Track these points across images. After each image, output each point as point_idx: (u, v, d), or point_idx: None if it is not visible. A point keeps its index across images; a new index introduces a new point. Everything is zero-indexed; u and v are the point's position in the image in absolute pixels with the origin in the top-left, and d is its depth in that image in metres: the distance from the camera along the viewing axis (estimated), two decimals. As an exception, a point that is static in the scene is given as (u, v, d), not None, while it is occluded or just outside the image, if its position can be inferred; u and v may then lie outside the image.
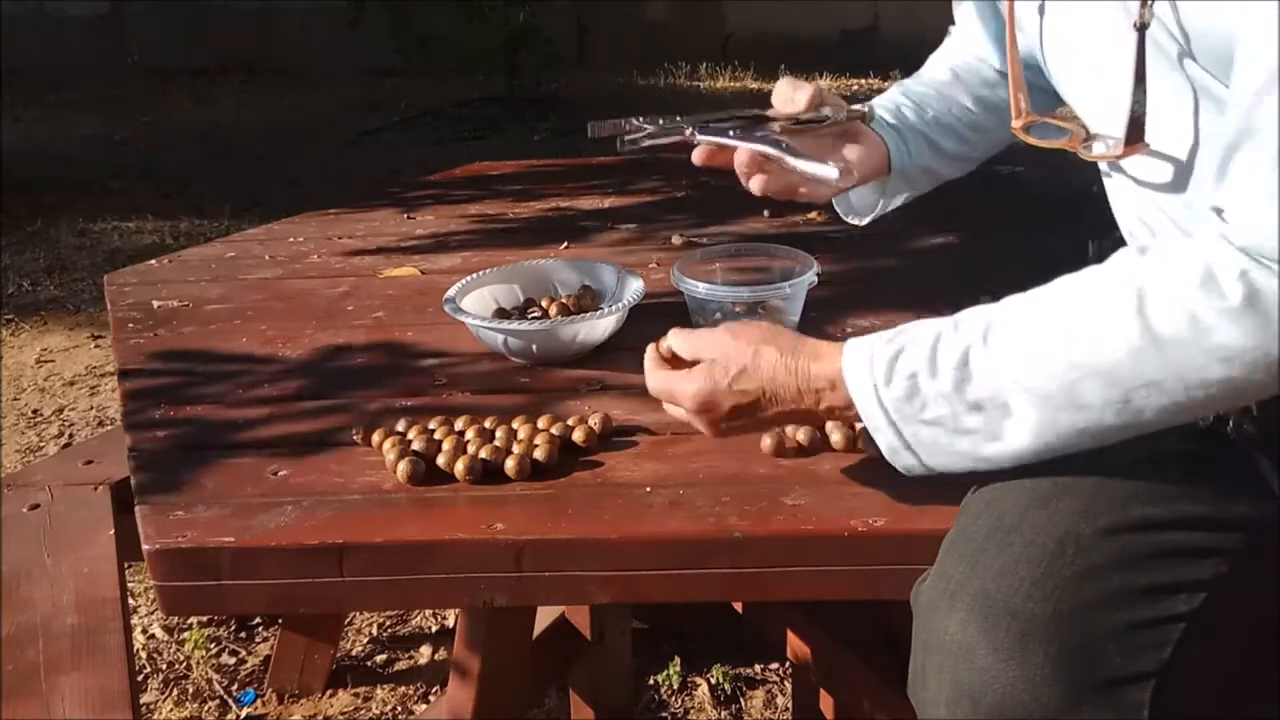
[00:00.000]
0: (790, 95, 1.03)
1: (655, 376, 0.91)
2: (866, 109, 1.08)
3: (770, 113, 1.04)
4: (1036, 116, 0.94)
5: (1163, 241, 0.75)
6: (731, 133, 1.00)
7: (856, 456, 0.96)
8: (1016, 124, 0.95)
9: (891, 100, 1.15)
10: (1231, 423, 0.79)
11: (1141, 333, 0.69)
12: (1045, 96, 1.00)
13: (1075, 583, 0.71)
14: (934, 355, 0.76)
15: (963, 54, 1.19)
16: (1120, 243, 0.97)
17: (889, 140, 1.10)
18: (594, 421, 1.00)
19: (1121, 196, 0.91)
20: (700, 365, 0.87)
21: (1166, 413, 0.71)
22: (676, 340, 0.91)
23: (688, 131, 1.01)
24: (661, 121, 1.02)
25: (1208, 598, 0.72)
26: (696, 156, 1.02)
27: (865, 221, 1.18)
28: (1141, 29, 0.78)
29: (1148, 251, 0.73)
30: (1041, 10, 0.92)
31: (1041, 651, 0.69)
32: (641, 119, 1.02)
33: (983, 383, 0.74)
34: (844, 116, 1.05)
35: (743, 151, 1.00)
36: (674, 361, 0.91)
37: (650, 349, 0.93)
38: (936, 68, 1.20)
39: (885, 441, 0.79)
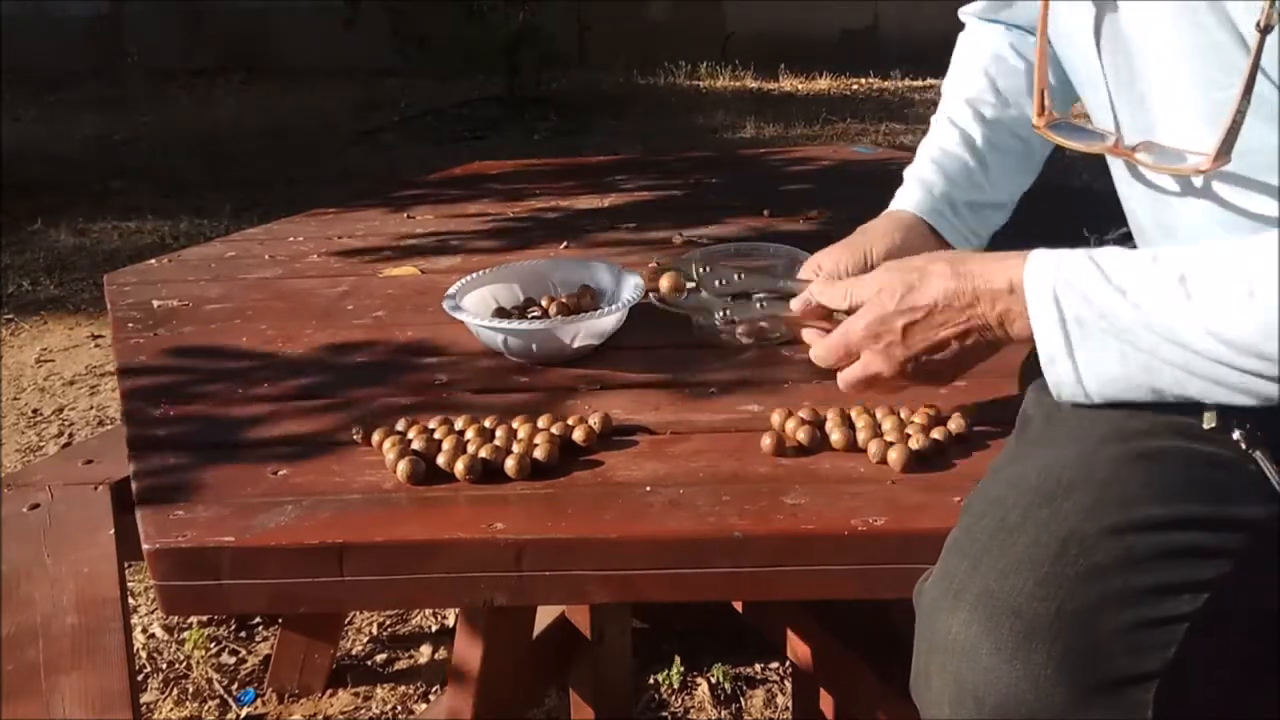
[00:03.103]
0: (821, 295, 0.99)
1: (820, 346, 0.91)
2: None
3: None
4: (1059, 115, 0.92)
5: None
6: (760, 304, 1.01)
7: (857, 456, 0.96)
8: (1039, 122, 0.92)
9: (964, 170, 1.11)
10: (1235, 423, 0.79)
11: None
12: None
13: (1079, 582, 0.71)
14: (1123, 275, 0.75)
15: (997, 48, 1.15)
16: (1122, 240, 0.97)
17: (957, 242, 1.08)
18: (594, 421, 1.00)
19: (1149, 203, 0.88)
20: (864, 304, 0.88)
21: None
22: (824, 293, 0.91)
23: (725, 313, 1.01)
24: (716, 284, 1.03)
25: (1211, 598, 0.71)
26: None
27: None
28: (1264, 31, 0.73)
29: None
30: (1113, 7, 0.86)
31: (1045, 651, 0.69)
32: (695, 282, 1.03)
33: (1162, 318, 0.74)
34: None
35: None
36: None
37: (808, 334, 0.94)
38: (978, 89, 1.14)
39: (1048, 347, 0.79)
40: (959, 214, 1.10)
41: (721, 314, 1.02)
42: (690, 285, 1.04)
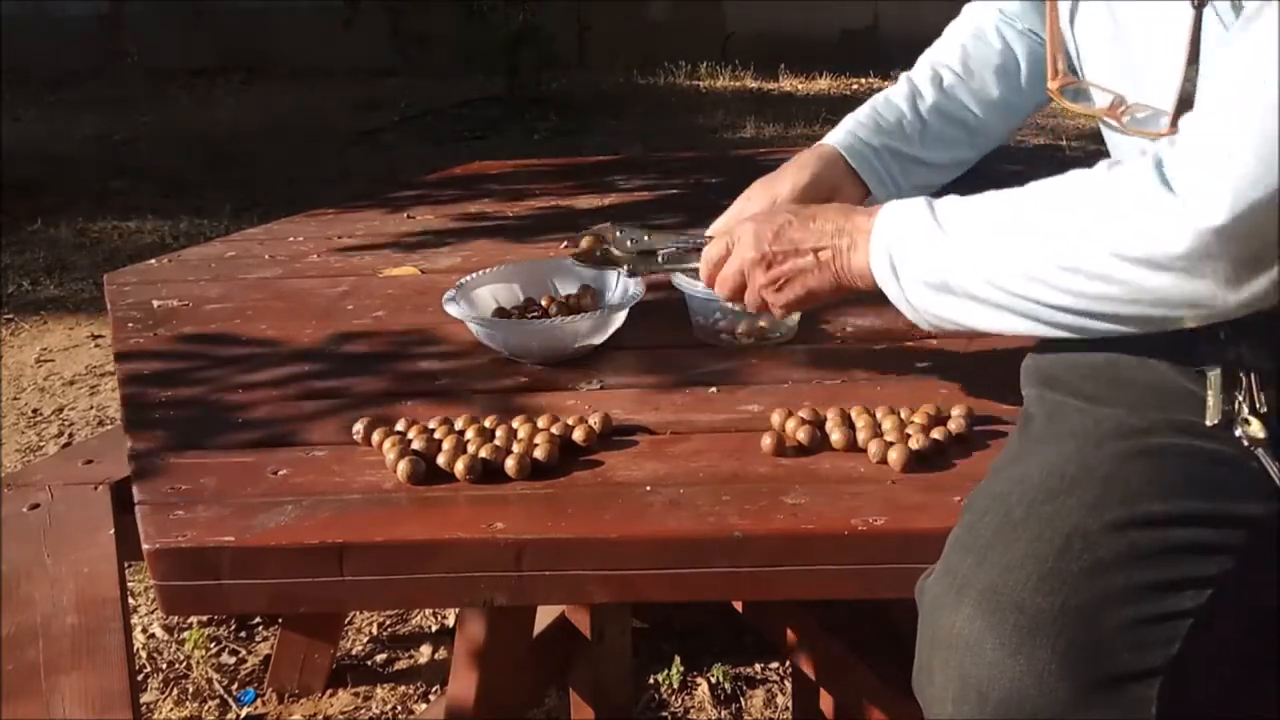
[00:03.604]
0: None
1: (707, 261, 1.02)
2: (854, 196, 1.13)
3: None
4: (1073, 79, 0.95)
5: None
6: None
7: (856, 456, 0.96)
8: (1053, 84, 0.95)
9: (895, 112, 1.17)
10: (1238, 420, 0.79)
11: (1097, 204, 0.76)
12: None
13: (1082, 578, 0.71)
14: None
15: (982, 23, 1.19)
16: None
17: (877, 192, 1.15)
18: (594, 421, 1.00)
19: None
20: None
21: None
22: (713, 229, 1.06)
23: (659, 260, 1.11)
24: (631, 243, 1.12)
25: (1214, 594, 0.72)
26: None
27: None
28: (1199, 6, 0.78)
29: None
30: None
31: (1049, 647, 0.69)
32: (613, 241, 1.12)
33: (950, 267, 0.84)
34: None
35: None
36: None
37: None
38: (947, 55, 1.19)
39: (880, 272, 0.89)
40: (880, 158, 1.15)
41: (627, 268, 1.11)
42: (605, 247, 1.11)
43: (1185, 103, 0.80)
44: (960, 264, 0.83)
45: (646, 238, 1.11)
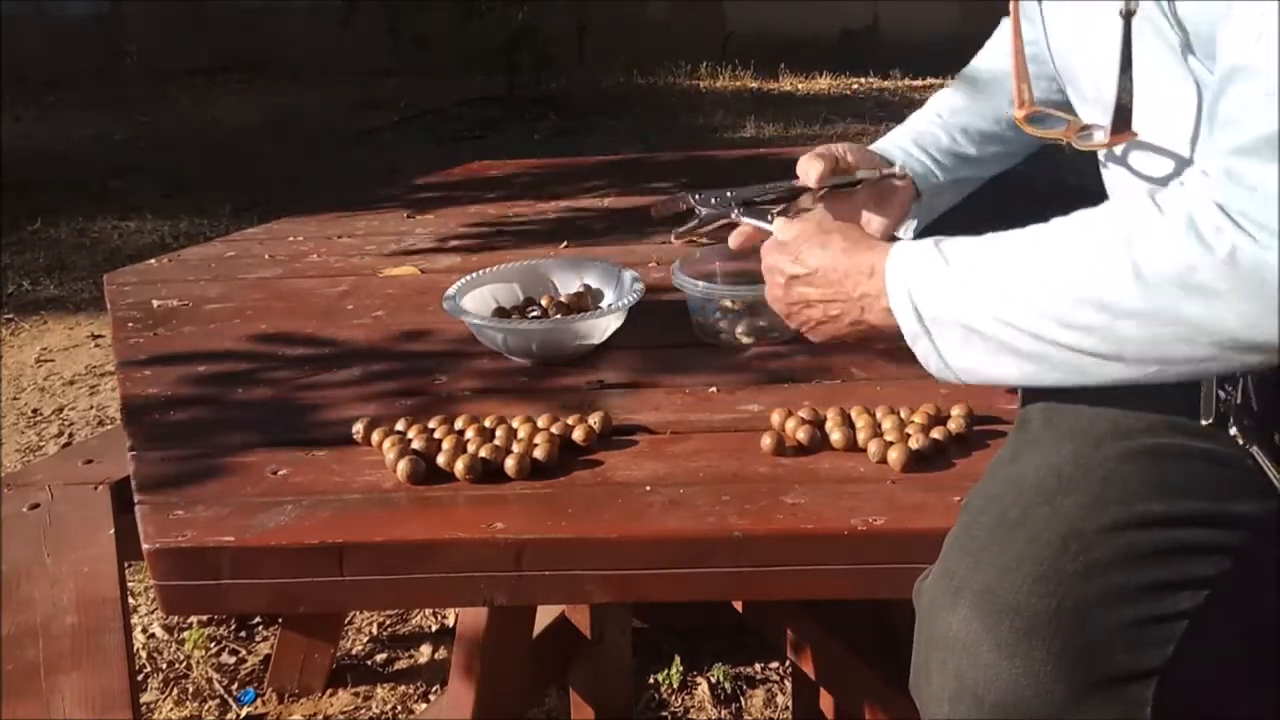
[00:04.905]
0: (806, 171, 1.09)
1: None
2: (900, 169, 1.13)
3: (804, 183, 1.10)
4: (1038, 107, 0.95)
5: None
6: (770, 216, 1.07)
7: (856, 456, 0.96)
8: (1018, 113, 0.97)
9: (921, 120, 1.18)
10: (1233, 419, 0.79)
11: (1129, 266, 0.71)
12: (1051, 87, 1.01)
13: (1079, 579, 0.71)
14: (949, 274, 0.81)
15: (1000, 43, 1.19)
16: None
17: (919, 178, 1.14)
18: (594, 421, 1.00)
19: (1118, 189, 0.91)
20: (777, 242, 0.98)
21: (1145, 348, 0.72)
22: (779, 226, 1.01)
23: (734, 214, 1.09)
24: (714, 201, 1.10)
25: (1211, 595, 0.72)
26: (733, 241, 1.11)
27: (912, 233, 1.19)
28: (1127, 17, 0.79)
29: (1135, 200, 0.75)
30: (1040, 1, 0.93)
31: (1044, 648, 0.69)
32: (695, 197, 1.11)
33: (972, 309, 0.79)
34: (876, 176, 1.12)
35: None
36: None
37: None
38: (980, 64, 1.21)
39: (909, 328, 0.83)
40: (914, 156, 1.15)
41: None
42: (689, 206, 1.12)
43: (1121, 113, 0.82)
44: (983, 302, 0.79)
45: (730, 194, 1.10)
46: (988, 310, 0.78)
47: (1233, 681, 0.74)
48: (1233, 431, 0.79)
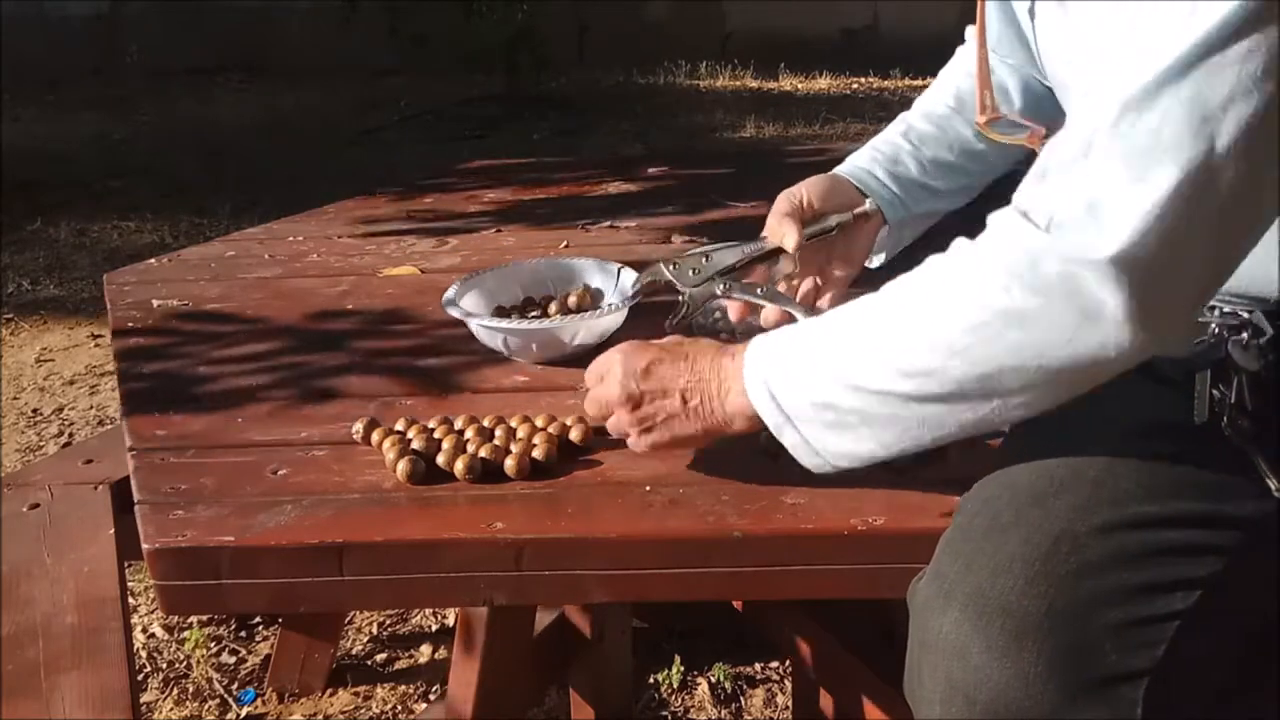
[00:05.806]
0: (780, 236, 1.10)
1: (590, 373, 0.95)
2: (870, 205, 1.14)
3: (781, 245, 1.11)
4: (1000, 114, 0.96)
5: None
6: (759, 290, 1.08)
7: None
8: (980, 119, 0.97)
9: (892, 145, 1.18)
10: (1226, 420, 0.79)
11: (953, 301, 0.73)
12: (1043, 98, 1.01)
13: (1070, 580, 0.71)
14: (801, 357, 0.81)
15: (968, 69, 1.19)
16: None
17: (887, 210, 1.14)
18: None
19: None
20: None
21: (980, 384, 0.72)
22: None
23: (720, 289, 1.09)
24: (693, 273, 1.10)
25: (1203, 595, 0.72)
26: (731, 314, 1.14)
27: (879, 263, 1.20)
28: (1033, 16, 0.82)
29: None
30: (1032, 13, 0.92)
31: (1035, 649, 0.69)
32: (671, 268, 1.11)
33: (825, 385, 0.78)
34: (849, 218, 1.13)
35: (770, 311, 1.08)
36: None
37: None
38: (941, 92, 1.21)
39: (771, 419, 0.82)
40: (884, 184, 1.15)
41: (718, 315, 1.14)
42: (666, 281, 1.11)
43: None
44: (830, 373, 0.79)
45: (705, 260, 1.10)
46: (837, 378, 0.78)
47: (1224, 682, 0.74)
48: (1227, 433, 0.79)
